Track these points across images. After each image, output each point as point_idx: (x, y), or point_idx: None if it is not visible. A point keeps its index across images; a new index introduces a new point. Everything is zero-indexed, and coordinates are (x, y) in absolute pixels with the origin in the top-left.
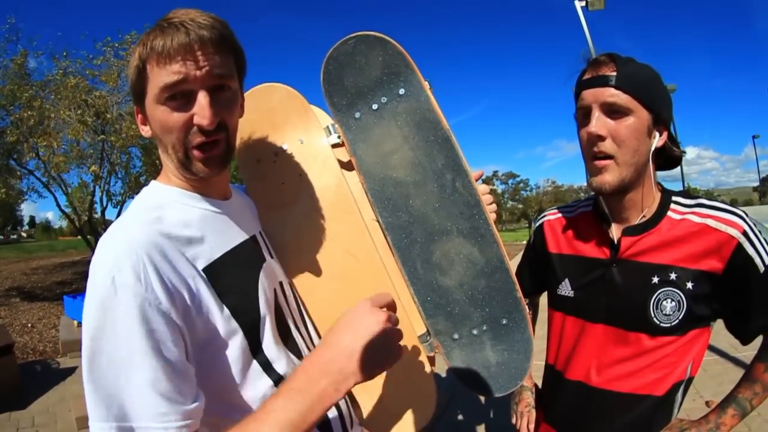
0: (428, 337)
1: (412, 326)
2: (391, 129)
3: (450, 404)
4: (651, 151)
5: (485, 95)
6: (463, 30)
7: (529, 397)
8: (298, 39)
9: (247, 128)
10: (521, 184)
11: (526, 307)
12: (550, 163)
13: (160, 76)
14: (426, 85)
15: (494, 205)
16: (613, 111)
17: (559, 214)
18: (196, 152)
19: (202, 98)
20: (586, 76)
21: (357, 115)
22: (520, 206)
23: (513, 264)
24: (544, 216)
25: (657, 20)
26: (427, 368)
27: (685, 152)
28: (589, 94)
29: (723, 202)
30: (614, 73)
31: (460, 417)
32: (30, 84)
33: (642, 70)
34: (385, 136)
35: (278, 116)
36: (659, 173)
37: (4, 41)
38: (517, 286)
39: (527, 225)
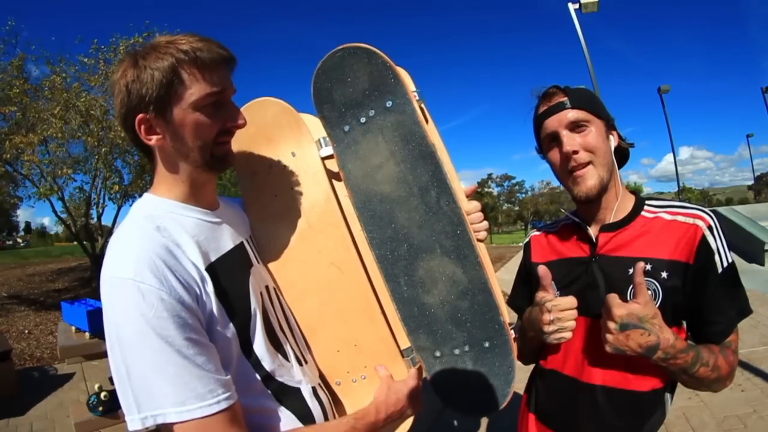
0: (412, 352)
1: (396, 339)
2: (378, 143)
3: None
4: (613, 151)
5: (483, 98)
6: (461, 35)
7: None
8: (304, 46)
9: (244, 142)
10: (516, 187)
11: (511, 332)
12: (546, 165)
13: (204, 84)
14: (413, 96)
15: (485, 223)
16: (576, 126)
17: (543, 230)
18: (220, 148)
19: (235, 105)
20: (543, 109)
21: (346, 128)
22: (516, 208)
23: (508, 270)
24: (531, 233)
25: (650, 22)
26: (404, 374)
27: (633, 145)
28: (552, 121)
29: (691, 202)
30: (566, 98)
31: (455, 422)
32: (25, 83)
33: (584, 91)
34: (372, 151)
35: (272, 130)
36: (654, 174)
37: (2, 43)
38: (502, 310)
39: (523, 227)
